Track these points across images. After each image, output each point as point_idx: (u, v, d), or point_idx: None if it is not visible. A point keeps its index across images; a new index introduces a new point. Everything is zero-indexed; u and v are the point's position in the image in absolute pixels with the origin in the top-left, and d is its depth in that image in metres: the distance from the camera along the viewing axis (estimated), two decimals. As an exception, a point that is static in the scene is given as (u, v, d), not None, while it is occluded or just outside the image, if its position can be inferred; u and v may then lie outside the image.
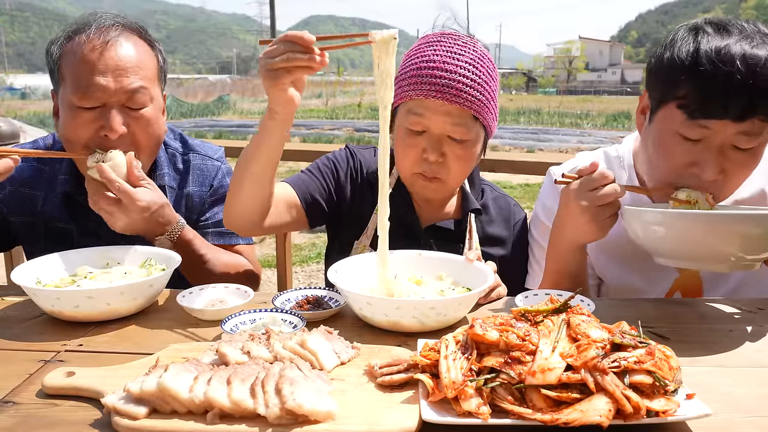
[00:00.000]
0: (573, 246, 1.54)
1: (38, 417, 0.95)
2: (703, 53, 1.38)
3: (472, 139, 1.64)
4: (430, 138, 1.63)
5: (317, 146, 8.50)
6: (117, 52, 1.62)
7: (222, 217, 1.89)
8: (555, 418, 0.87)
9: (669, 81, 1.45)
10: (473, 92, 1.59)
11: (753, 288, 1.68)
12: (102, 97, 1.60)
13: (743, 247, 1.28)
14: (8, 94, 49.39)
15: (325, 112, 33.49)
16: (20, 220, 1.84)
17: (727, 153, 1.44)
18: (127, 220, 1.57)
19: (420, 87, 1.59)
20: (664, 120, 1.48)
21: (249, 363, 1.02)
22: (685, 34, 1.45)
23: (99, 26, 1.63)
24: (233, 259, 1.86)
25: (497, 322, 1.01)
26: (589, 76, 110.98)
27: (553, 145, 17.53)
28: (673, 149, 1.48)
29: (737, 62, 1.34)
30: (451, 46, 1.63)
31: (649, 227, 1.37)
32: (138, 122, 1.65)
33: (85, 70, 1.59)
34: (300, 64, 1.26)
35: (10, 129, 4.70)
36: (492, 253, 1.78)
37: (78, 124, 1.61)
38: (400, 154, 1.70)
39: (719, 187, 1.48)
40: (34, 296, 1.33)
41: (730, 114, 1.38)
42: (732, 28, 1.41)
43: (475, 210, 1.80)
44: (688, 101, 1.41)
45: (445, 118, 1.60)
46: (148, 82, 1.67)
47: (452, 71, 1.58)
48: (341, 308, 1.40)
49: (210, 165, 1.95)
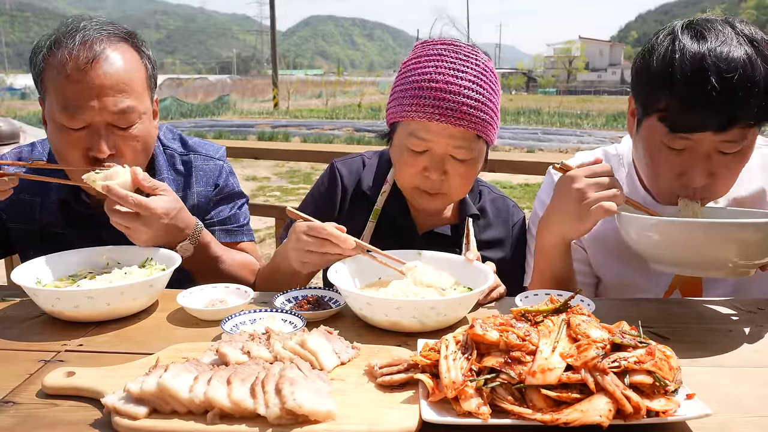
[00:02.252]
0: (558, 242, 1.52)
1: (38, 417, 0.96)
2: (677, 66, 1.36)
3: (474, 158, 1.63)
4: (432, 158, 1.60)
5: (317, 146, 8.51)
6: (103, 70, 1.56)
7: (227, 214, 1.90)
8: (555, 418, 0.87)
9: (650, 92, 1.45)
10: (477, 113, 1.56)
11: (753, 287, 1.68)
12: (88, 118, 1.56)
13: (740, 254, 1.27)
14: (8, 94, 49.37)
15: (325, 112, 33.50)
16: (18, 227, 1.83)
17: (713, 157, 1.44)
18: (150, 232, 1.53)
19: (423, 109, 1.55)
20: (649, 130, 1.48)
21: (249, 363, 1.02)
22: (663, 39, 1.44)
23: (83, 39, 1.56)
24: (244, 258, 1.87)
25: (497, 322, 1.01)
26: (589, 76, 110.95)
27: (553, 145, 17.52)
28: (660, 159, 1.48)
29: (712, 78, 1.32)
30: (453, 61, 1.58)
31: (644, 234, 1.36)
32: (126, 140, 1.62)
33: (69, 90, 1.54)
34: (328, 258, 1.43)
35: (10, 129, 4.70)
36: (490, 257, 1.77)
37: (66, 144, 1.59)
38: (400, 170, 1.68)
39: (711, 190, 1.49)
40: (34, 296, 1.33)
41: (710, 126, 1.38)
42: (708, 32, 1.39)
43: (472, 215, 1.79)
44: (668, 115, 1.41)
45: (448, 140, 1.57)
46: (137, 98, 1.62)
47: (456, 92, 1.54)
48: (341, 308, 1.40)
49: (213, 165, 1.93)
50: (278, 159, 9.69)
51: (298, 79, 63.97)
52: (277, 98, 36.60)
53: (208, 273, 1.71)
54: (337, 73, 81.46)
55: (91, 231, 1.76)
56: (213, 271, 1.73)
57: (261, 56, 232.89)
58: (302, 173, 12.28)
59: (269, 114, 32.21)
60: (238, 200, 1.98)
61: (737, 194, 1.63)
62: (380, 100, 40.41)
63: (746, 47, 1.36)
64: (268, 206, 4.38)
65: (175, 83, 55.11)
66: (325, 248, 1.39)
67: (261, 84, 53.75)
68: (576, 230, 1.47)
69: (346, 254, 1.41)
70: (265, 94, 43.24)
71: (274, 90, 37.24)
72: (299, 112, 33.19)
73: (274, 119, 27.77)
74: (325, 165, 1.95)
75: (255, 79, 74.80)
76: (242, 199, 2.00)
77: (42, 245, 1.76)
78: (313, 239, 1.39)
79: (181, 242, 1.62)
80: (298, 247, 1.41)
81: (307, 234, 1.39)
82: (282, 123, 24.73)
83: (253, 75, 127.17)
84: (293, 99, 42.04)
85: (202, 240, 1.67)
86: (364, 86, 54.46)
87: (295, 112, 33.66)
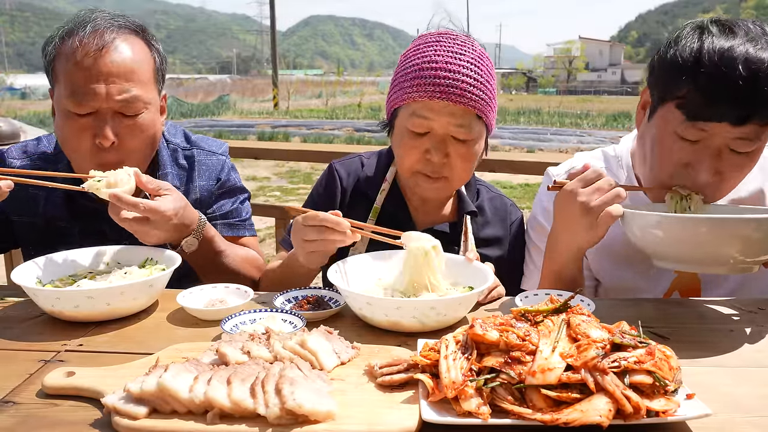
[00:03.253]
0: (571, 252, 1.51)
1: (38, 417, 0.96)
2: (706, 54, 1.36)
3: (474, 138, 1.63)
4: (434, 139, 1.62)
5: (317, 146, 8.50)
6: (111, 58, 1.59)
7: (229, 208, 1.93)
8: (555, 418, 0.87)
9: (670, 79, 1.44)
10: (476, 92, 1.58)
11: (752, 288, 1.68)
12: (95, 104, 1.59)
13: (743, 250, 1.27)
14: (8, 94, 49.38)
15: (325, 112, 33.50)
16: (22, 220, 1.83)
17: (723, 155, 1.44)
18: (160, 233, 1.53)
19: (424, 89, 1.58)
20: (663, 118, 1.47)
21: (249, 363, 1.02)
22: (690, 32, 1.44)
23: (94, 28, 1.60)
24: (247, 253, 1.88)
25: (497, 322, 1.01)
26: (589, 76, 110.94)
27: (553, 145, 17.52)
28: (670, 148, 1.47)
29: (739, 66, 1.32)
30: (451, 45, 1.62)
31: (648, 230, 1.36)
32: (131, 129, 1.64)
33: (78, 77, 1.58)
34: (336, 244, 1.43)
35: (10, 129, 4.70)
36: (488, 255, 1.77)
37: (73, 130, 1.61)
38: (402, 155, 1.69)
39: (713, 189, 1.48)
40: (34, 296, 1.33)
41: (728, 118, 1.37)
42: (737, 29, 1.39)
43: (470, 212, 1.80)
44: (687, 102, 1.40)
45: (449, 119, 1.59)
46: (143, 87, 1.65)
47: (455, 71, 1.57)
48: (341, 308, 1.40)
49: (215, 160, 1.95)
50: (278, 159, 9.69)
51: (298, 79, 63.95)
52: (277, 98, 36.60)
53: (212, 268, 1.72)
54: (337, 73, 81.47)
55: (94, 225, 1.77)
56: (216, 266, 1.74)
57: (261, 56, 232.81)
58: (302, 173, 12.28)
59: (269, 114, 32.20)
60: (240, 195, 1.99)
61: (736, 195, 1.63)
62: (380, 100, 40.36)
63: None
64: (268, 206, 4.37)
65: (175, 83, 55.11)
66: (324, 234, 1.40)
67: (261, 84, 53.75)
68: (589, 241, 1.45)
69: (347, 238, 1.41)
70: (265, 94, 43.23)
71: (274, 90, 37.25)
72: (299, 112, 33.19)
73: (274, 119, 27.77)
74: (325, 165, 1.95)
75: (255, 79, 74.78)
76: (244, 194, 2.02)
77: (45, 239, 1.78)
78: (310, 228, 1.41)
79: (185, 237, 1.62)
80: (299, 238, 1.45)
81: (304, 225, 1.42)
82: (282, 123, 24.72)
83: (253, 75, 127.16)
84: (293, 99, 42.02)
85: (206, 234, 1.67)
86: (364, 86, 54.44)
87: (295, 112, 33.66)
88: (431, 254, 1.39)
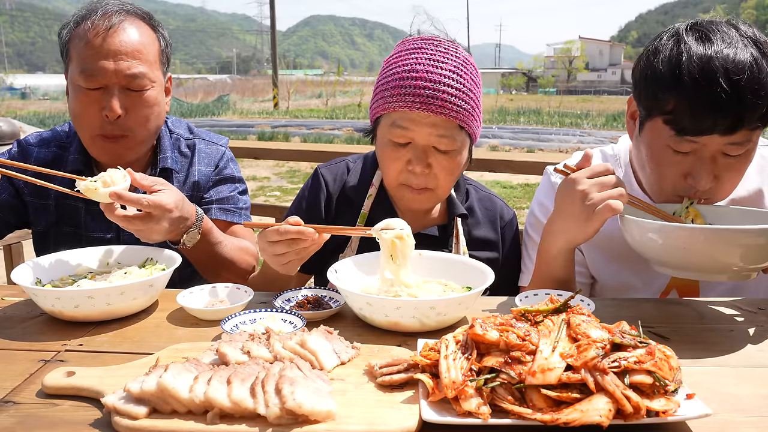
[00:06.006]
0: (562, 247, 1.49)
1: (38, 417, 0.96)
2: (685, 68, 1.36)
3: (457, 149, 1.62)
4: (415, 150, 1.61)
5: (317, 146, 8.50)
6: (119, 37, 1.72)
7: (226, 195, 1.98)
8: (555, 418, 0.87)
9: (653, 94, 1.44)
10: (458, 102, 1.56)
11: (750, 288, 1.68)
12: (103, 79, 1.71)
13: (743, 259, 1.27)
14: (8, 94, 49.42)
15: (325, 112, 33.47)
16: (36, 202, 1.91)
17: (718, 160, 1.45)
18: (162, 229, 1.53)
19: (404, 99, 1.56)
20: (653, 132, 1.48)
21: (249, 363, 1.02)
22: (667, 41, 1.44)
23: (104, 12, 1.74)
24: (241, 243, 1.90)
25: (497, 322, 1.01)
26: (589, 76, 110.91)
27: (553, 145, 17.51)
28: (667, 162, 1.48)
29: (720, 79, 1.32)
30: (433, 53, 1.59)
31: (647, 237, 1.34)
32: (137, 104, 1.75)
33: (89, 54, 1.70)
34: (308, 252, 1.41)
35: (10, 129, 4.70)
36: (480, 256, 1.76)
37: (83, 104, 1.73)
38: (385, 166, 1.68)
39: (714, 192, 1.50)
40: (34, 296, 1.33)
41: (717, 130, 1.38)
42: (713, 34, 1.38)
43: (460, 215, 1.79)
44: (674, 118, 1.41)
45: (430, 129, 1.57)
46: (149, 66, 1.77)
47: (436, 81, 1.55)
48: (341, 308, 1.40)
49: (215, 149, 2.03)
50: (278, 159, 9.70)
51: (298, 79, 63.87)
52: (277, 98, 36.58)
53: (210, 259, 1.75)
54: (337, 73, 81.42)
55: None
56: (214, 257, 1.76)
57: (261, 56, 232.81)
58: (302, 173, 12.28)
59: (269, 114, 32.18)
60: (237, 185, 2.03)
61: (735, 195, 1.63)
62: (380, 100, 40.20)
63: (752, 49, 1.36)
64: (268, 206, 4.38)
65: (175, 83, 54.85)
66: (292, 246, 1.38)
67: (261, 84, 53.71)
68: (583, 232, 1.41)
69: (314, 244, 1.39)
70: (265, 94, 43.19)
71: (274, 90, 37.22)
72: (299, 112, 33.16)
73: (274, 119, 27.74)
74: (325, 165, 1.95)
75: (255, 79, 74.76)
76: (242, 185, 2.05)
77: (56, 217, 1.88)
78: (278, 242, 1.38)
79: (185, 231, 1.63)
80: (270, 253, 1.41)
81: (270, 241, 1.39)
82: (282, 123, 24.70)
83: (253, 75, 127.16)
84: (293, 99, 41.97)
85: (204, 226, 1.70)
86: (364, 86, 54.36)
87: (295, 112, 33.63)
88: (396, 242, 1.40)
